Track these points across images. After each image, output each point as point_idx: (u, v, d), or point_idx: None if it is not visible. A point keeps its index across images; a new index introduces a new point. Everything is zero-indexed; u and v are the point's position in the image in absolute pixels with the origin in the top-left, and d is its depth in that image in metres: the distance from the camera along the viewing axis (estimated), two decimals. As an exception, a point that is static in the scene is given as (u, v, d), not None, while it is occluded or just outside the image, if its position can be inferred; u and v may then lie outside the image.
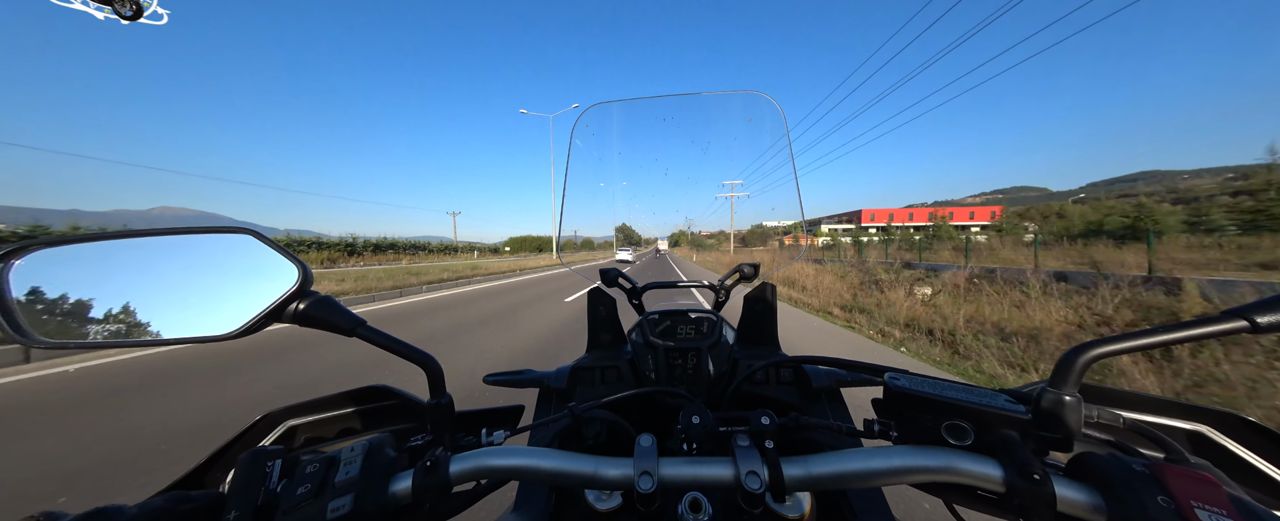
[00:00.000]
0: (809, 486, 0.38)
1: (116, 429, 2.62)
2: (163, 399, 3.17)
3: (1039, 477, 0.32)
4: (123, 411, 2.92)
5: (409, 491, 0.38)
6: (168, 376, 3.74)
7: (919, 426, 0.40)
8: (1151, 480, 0.31)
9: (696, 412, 0.46)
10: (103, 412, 2.90)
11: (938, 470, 0.36)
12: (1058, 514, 0.32)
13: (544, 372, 0.80)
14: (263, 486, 0.36)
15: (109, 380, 3.65)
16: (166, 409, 2.97)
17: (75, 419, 2.79)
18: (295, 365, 4.06)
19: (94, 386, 3.49)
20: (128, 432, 2.56)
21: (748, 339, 0.88)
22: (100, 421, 2.74)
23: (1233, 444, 0.40)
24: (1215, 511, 0.28)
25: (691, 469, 0.39)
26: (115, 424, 2.71)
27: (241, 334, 0.40)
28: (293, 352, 4.47)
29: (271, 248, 0.42)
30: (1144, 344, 0.33)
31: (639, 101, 1.16)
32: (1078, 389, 0.36)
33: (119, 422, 2.73)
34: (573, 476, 0.40)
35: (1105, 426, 0.42)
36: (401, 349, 0.44)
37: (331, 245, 36.07)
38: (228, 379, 3.67)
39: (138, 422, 2.72)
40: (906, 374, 0.45)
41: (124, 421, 2.74)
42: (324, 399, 0.58)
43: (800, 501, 0.49)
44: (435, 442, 0.47)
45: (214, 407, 3.01)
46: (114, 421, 2.75)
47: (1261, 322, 0.31)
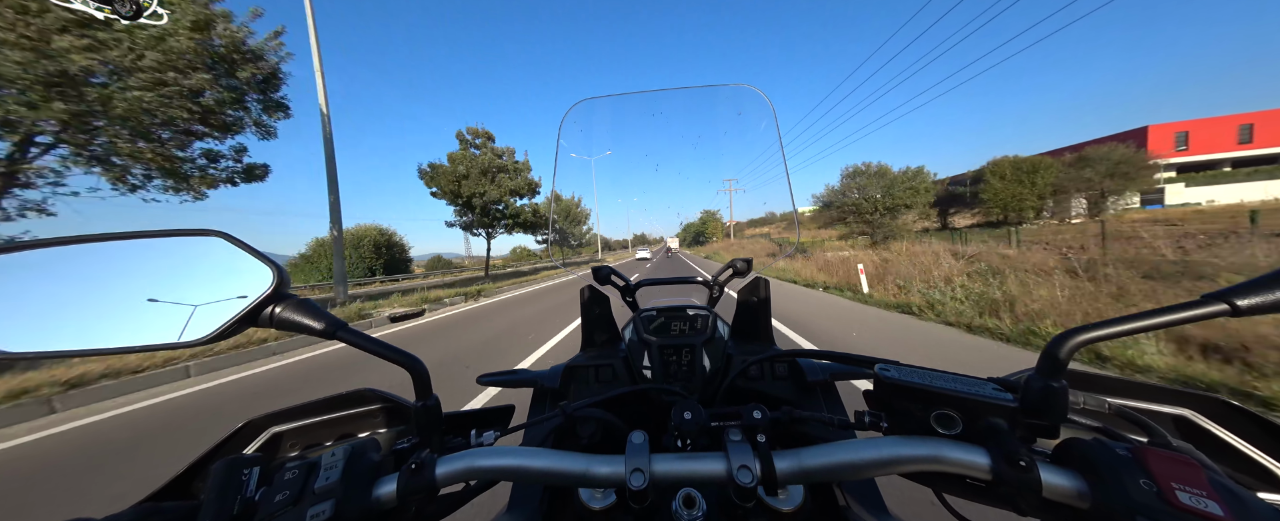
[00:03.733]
0: (801, 478, 0.38)
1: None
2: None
3: (1025, 464, 0.33)
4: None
5: (394, 495, 0.37)
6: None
7: (909, 416, 0.41)
8: (1134, 463, 0.31)
9: (689, 409, 0.46)
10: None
11: (926, 459, 0.36)
12: (1043, 499, 0.33)
13: (538, 372, 0.79)
14: (239, 494, 0.35)
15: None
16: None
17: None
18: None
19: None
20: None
21: (742, 334, 0.88)
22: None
23: (1216, 427, 0.41)
24: (1195, 492, 0.28)
25: (684, 464, 0.39)
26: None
27: (214, 339, 0.39)
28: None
29: (244, 250, 0.40)
30: (1128, 329, 0.33)
31: (627, 97, 1.15)
32: (1064, 375, 0.36)
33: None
34: (563, 475, 0.39)
35: (1091, 412, 0.42)
36: (385, 351, 0.43)
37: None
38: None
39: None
40: (897, 365, 0.45)
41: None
42: (308, 404, 0.56)
43: (794, 494, 0.49)
44: (422, 445, 0.46)
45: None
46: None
47: (1241, 305, 0.31)
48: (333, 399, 0.57)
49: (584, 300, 0.88)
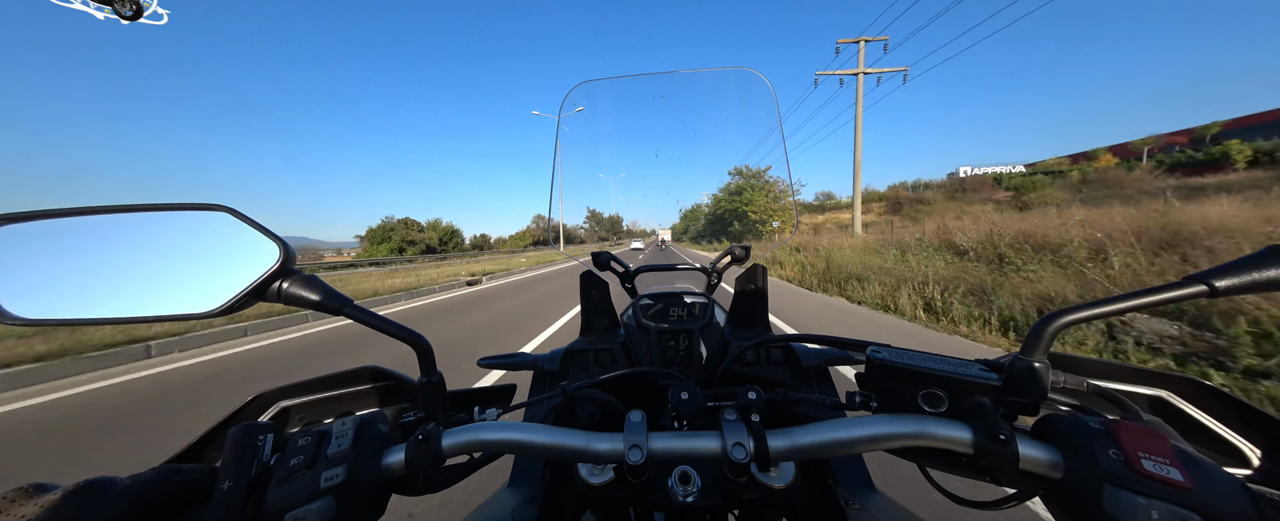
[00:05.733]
0: (792, 456, 0.39)
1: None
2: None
3: (1005, 438, 0.34)
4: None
5: (402, 463, 0.39)
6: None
7: (898, 396, 0.42)
8: (1106, 436, 0.33)
9: (686, 390, 0.47)
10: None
11: (912, 435, 0.37)
12: (1021, 471, 0.35)
13: (538, 355, 0.80)
14: (256, 459, 0.37)
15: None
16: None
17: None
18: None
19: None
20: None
21: (739, 320, 0.89)
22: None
23: (1190, 407, 0.42)
24: (1160, 460, 0.30)
25: (680, 441, 0.40)
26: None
27: (223, 312, 0.39)
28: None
29: (250, 225, 0.41)
30: (1109, 310, 0.34)
31: (627, 80, 1.14)
32: (1047, 356, 0.37)
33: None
34: (564, 450, 0.41)
35: (1070, 391, 0.44)
36: (390, 328, 0.44)
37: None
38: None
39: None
40: (888, 347, 0.46)
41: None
42: (316, 380, 0.57)
43: (785, 471, 0.51)
44: (428, 419, 0.47)
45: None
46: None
47: (1219, 286, 0.33)
48: (340, 375, 0.58)
49: (584, 286, 0.89)
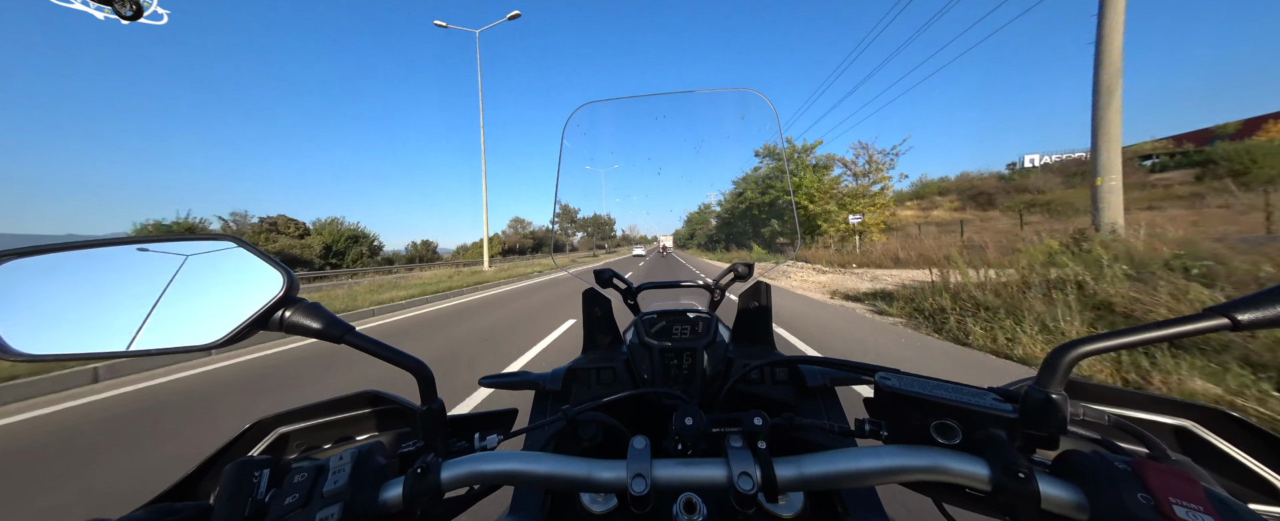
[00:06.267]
0: (801, 486, 0.38)
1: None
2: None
3: (1024, 476, 0.33)
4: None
5: (400, 499, 0.38)
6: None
7: (909, 425, 0.41)
8: (1132, 477, 0.31)
9: (690, 414, 0.46)
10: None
11: (926, 469, 0.36)
12: (1042, 511, 0.33)
13: (540, 374, 0.79)
14: (250, 497, 0.36)
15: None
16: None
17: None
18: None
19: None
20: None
21: (743, 338, 0.88)
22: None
23: (1218, 440, 0.41)
24: (1193, 507, 0.29)
25: (684, 470, 0.39)
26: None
27: (225, 343, 0.39)
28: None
29: (257, 256, 0.41)
30: (1129, 341, 0.33)
31: (630, 100, 1.16)
32: (1064, 386, 0.36)
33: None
34: (566, 480, 0.40)
35: (1091, 424, 0.42)
36: (391, 355, 0.43)
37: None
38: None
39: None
40: (898, 373, 0.45)
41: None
42: (315, 405, 0.57)
43: (794, 501, 0.50)
44: (427, 448, 0.47)
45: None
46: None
47: (1242, 320, 0.32)
48: (339, 400, 0.58)
49: (586, 302, 0.88)
